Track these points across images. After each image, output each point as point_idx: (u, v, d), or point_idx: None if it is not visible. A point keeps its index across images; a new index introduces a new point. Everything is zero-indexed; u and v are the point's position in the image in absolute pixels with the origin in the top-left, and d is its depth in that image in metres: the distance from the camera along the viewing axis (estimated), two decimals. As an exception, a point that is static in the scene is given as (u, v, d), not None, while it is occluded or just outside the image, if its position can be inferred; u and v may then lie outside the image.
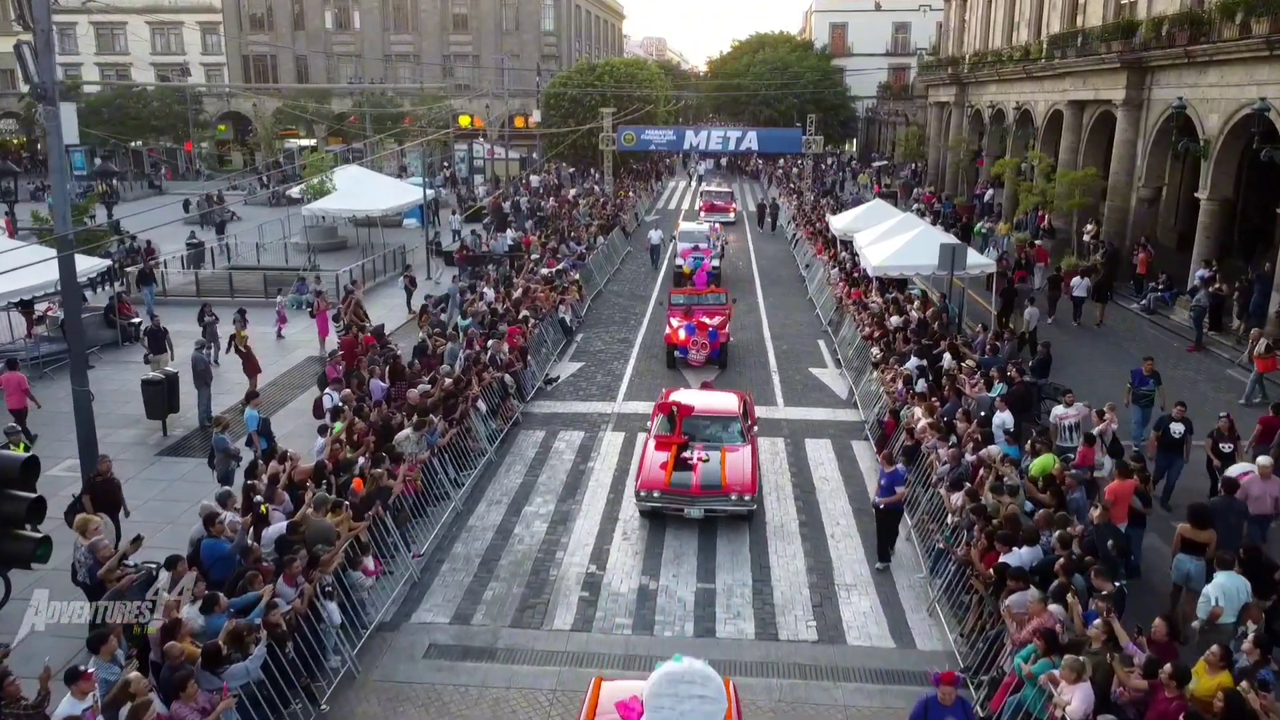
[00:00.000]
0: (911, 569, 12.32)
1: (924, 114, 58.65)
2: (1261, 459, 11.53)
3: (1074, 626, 8.81)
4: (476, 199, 47.71)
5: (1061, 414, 14.25)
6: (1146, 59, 26.58)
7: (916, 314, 20.86)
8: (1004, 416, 13.97)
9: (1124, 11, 29.49)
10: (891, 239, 23.58)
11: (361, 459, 12.54)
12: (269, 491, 11.41)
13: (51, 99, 12.31)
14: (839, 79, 71.30)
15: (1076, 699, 7.70)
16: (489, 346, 18.30)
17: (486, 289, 23.89)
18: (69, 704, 7.47)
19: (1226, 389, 18.89)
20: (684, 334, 20.65)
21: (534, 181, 53.96)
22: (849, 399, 19.24)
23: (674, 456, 13.57)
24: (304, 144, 62.04)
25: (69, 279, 13.15)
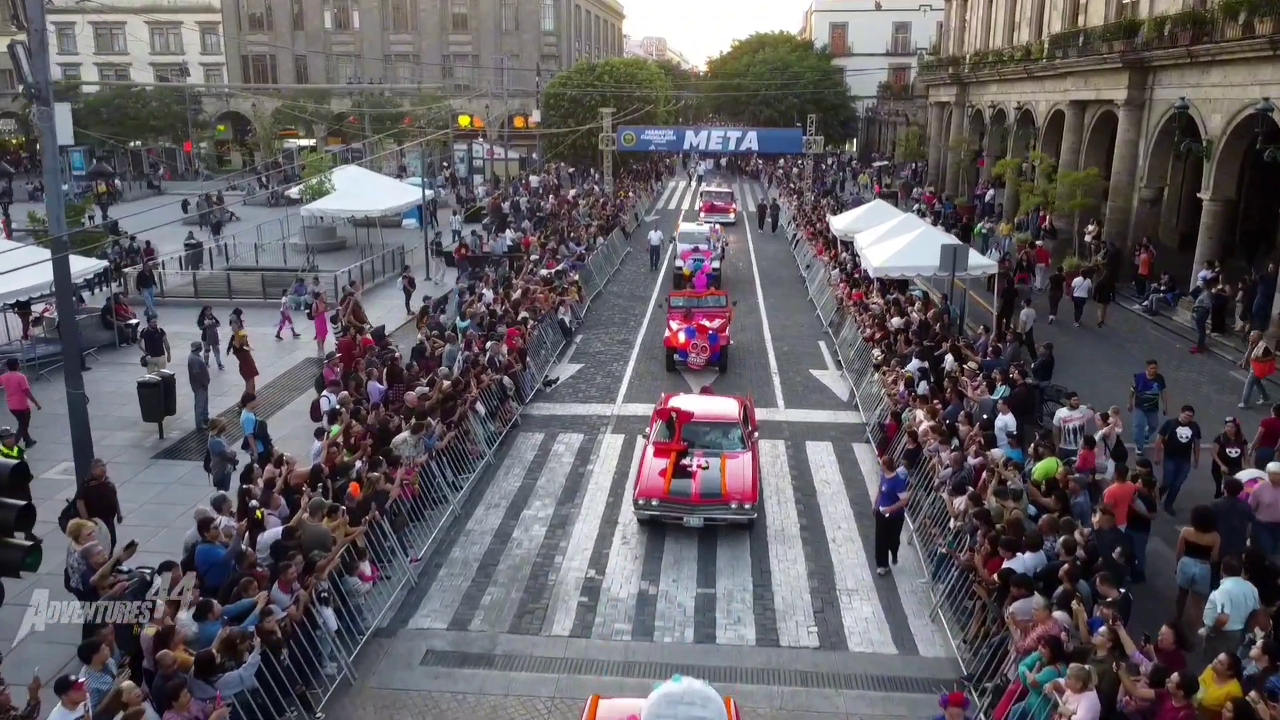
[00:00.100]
0: (914, 574, 12.20)
1: (924, 114, 58.55)
2: (1272, 465, 11.39)
3: (1079, 634, 8.70)
4: (476, 199, 47.60)
5: (1066, 417, 14.11)
6: (1148, 59, 26.46)
7: (918, 315, 20.74)
8: (1006, 419, 13.86)
9: (1126, 11, 29.36)
10: (892, 240, 23.47)
11: (359, 463, 12.44)
12: (264, 496, 11.29)
13: (46, 99, 12.22)
14: (839, 79, 71.17)
15: (1082, 708, 7.59)
16: (487, 348, 18.19)
17: (485, 290, 23.78)
18: (59, 714, 7.35)
19: (1230, 391, 18.78)
20: (684, 337, 20.42)
21: (534, 182, 53.84)
22: (850, 401, 19.12)
23: (673, 463, 13.33)
24: (303, 144, 61.94)
25: (63, 281, 13.05)
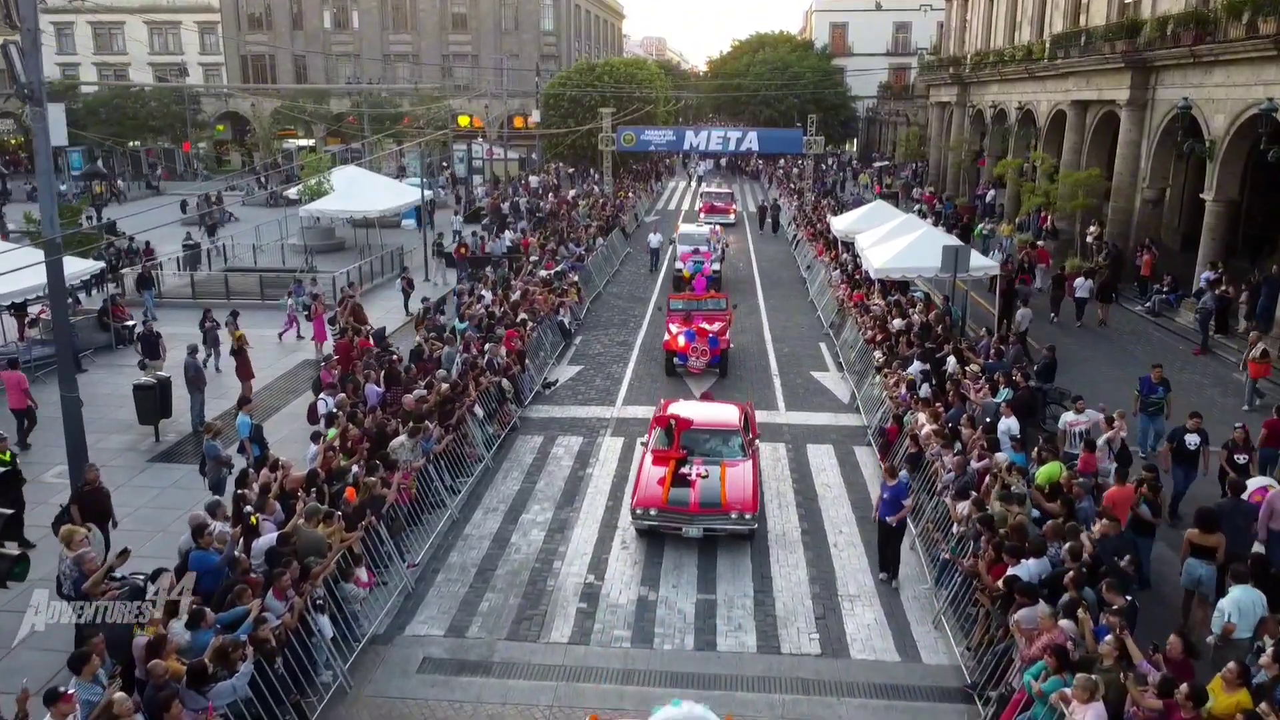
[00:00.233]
0: (916, 580, 12.05)
1: (925, 114, 58.44)
2: None
3: (1085, 643, 8.57)
4: (475, 199, 47.47)
5: (1072, 421, 13.93)
6: (1151, 59, 26.33)
7: (919, 317, 20.61)
8: (1010, 423, 13.71)
9: (1128, 11, 29.23)
10: (894, 240, 23.32)
11: (355, 467, 12.30)
12: (260, 501, 11.16)
13: (39, 100, 12.07)
14: (839, 79, 71.08)
15: (1089, 719, 7.46)
16: (486, 350, 18.05)
17: (484, 291, 23.65)
18: (48, 726, 7.24)
19: (1234, 393, 18.63)
20: (684, 340, 20.12)
21: (533, 182, 53.71)
22: (851, 403, 18.99)
23: (672, 472, 13.04)
24: (302, 144, 61.82)
25: (57, 283, 12.90)
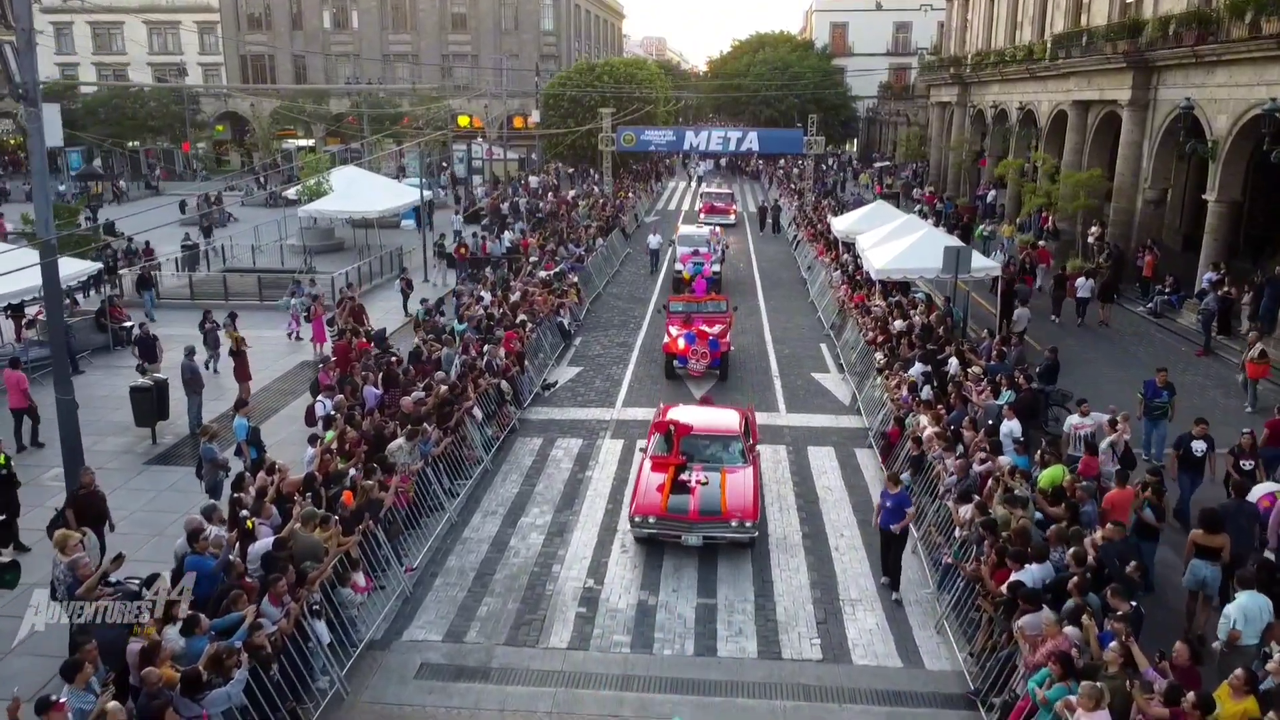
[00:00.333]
0: (918, 584, 11.95)
1: (925, 114, 58.34)
2: None
3: (1090, 649, 8.47)
4: (475, 200, 47.37)
5: (1077, 424, 13.80)
6: (1153, 59, 26.23)
7: (920, 318, 20.51)
8: (1012, 425, 13.62)
9: (1129, 10, 29.14)
10: (895, 241, 23.23)
11: (353, 470, 12.20)
12: (256, 505, 11.06)
13: (34, 100, 11.98)
14: (840, 79, 70.97)
15: (1095, 728, 7.36)
16: (485, 352, 17.95)
17: (484, 292, 23.55)
18: (40, 735, 7.14)
19: (1236, 395, 18.51)
20: (683, 343, 19.90)
21: (533, 182, 53.62)
22: (852, 405, 18.88)
23: (671, 478, 12.82)
24: (302, 144, 61.71)
25: (52, 285, 12.81)
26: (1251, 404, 17.69)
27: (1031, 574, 9.67)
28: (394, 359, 17.52)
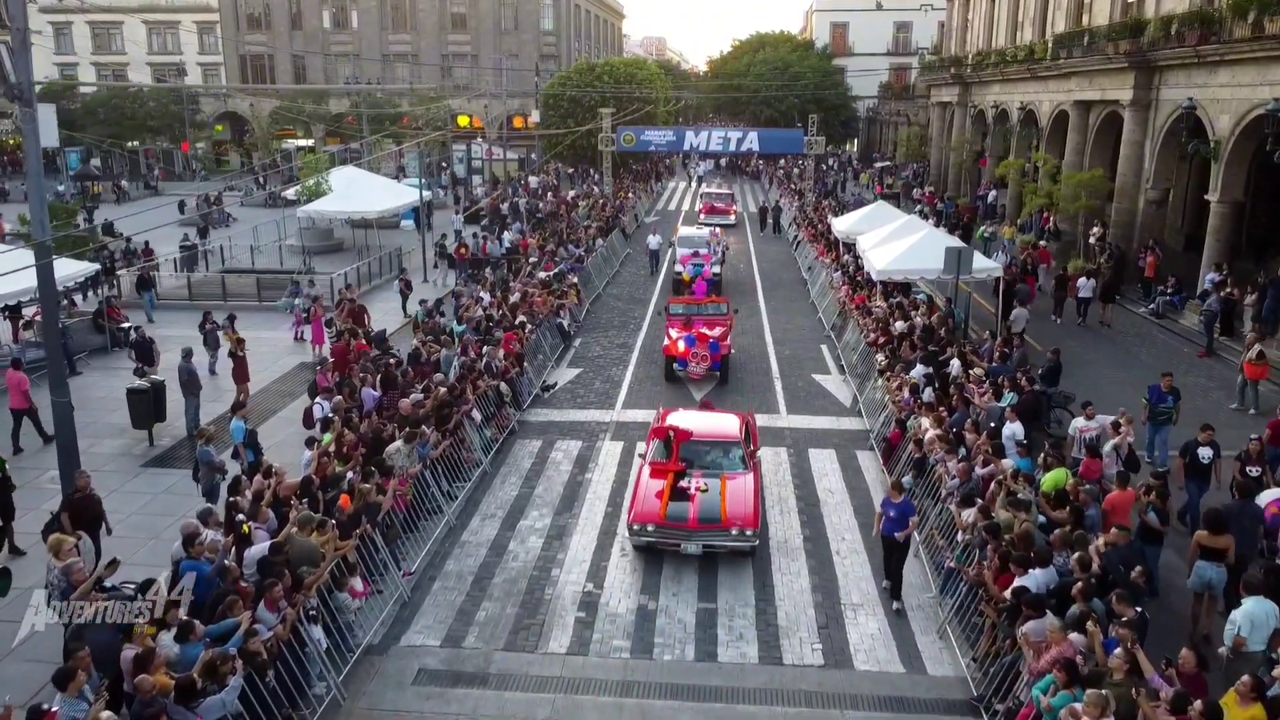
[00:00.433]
0: (921, 588, 11.84)
1: (926, 114, 58.24)
2: None
3: (1095, 656, 8.37)
4: (475, 200, 47.27)
5: (1083, 427, 13.67)
6: (1155, 59, 26.13)
7: (922, 319, 20.41)
8: (1015, 427, 13.53)
9: (1131, 10, 29.04)
10: (896, 242, 23.12)
11: (350, 474, 12.11)
12: (252, 509, 10.96)
13: (29, 100, 11.90)
14: (840, 79, 70.88)
15: (1101, 737, 7.27)
16: (484, 353, 17.85)
17: (483, 293, 23.45)
18: (32, 745, 7.05)
19: (1246, 395, 18.37)
20: (683, 345, 19.68)
21: (533, 182, 53.53)
22: (853, 406, 18.78)
23: (670, 485, 12.60)
24: (301, 145, 61.61)
25: (47, 286, 12.72)
26: (1255, 405, 17.58)
27: (1035, 579, 9.58)
28: (392, 361, 17.43)
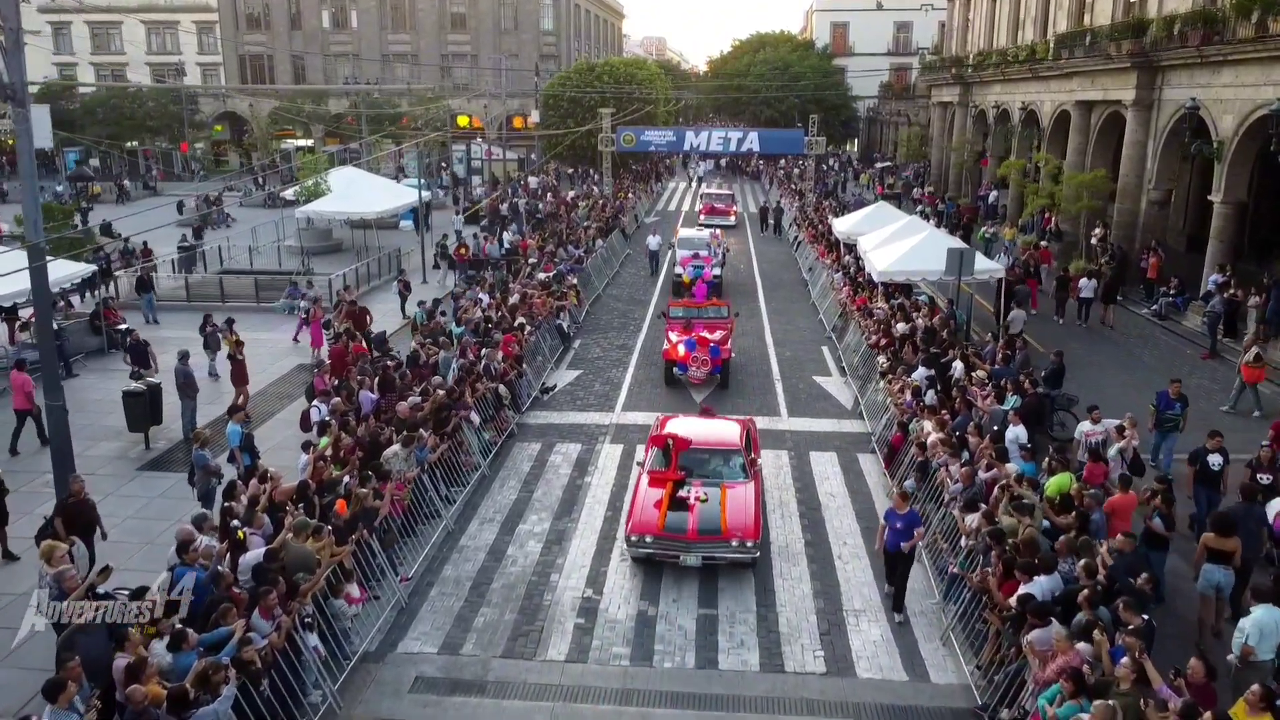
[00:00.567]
0: (924, 594, 11.71)
1: (926, 114, 58.10)
2: None
3: (1102, 665, 8.24)
4: (474, 200, 47.14)
5: (1089, 431, 13.53)
6: (1157, 59, 26.00)
7: (923, 321, 20.27)
8: (1018, 431, 13.41)
9: (1134, 10, 28.90)
10: (897, 243, 22.99)
11: (347, 478, 11.98)
12: (247, 514, 10.82)
13: (22, 100, 11.76)
14: (840, 79, 70.73)
15: (1108, 748, 7.14)
16: (483, 355, 17.72)
17: (482, 294, 23.32)
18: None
19: (1247, 399, 18.23)
20: (683, 350, 19.40)
21: (532, 183, 53.39)
22: (854, 409, 18.65)
23: (669, 495, 12.32)
24: (300, 145, 61.46)
25: (40, 288, 12.58)
26: (1258, 408, 17.45)
27: (1040, 585, 9.45)
28: (391, 363, 17.29)
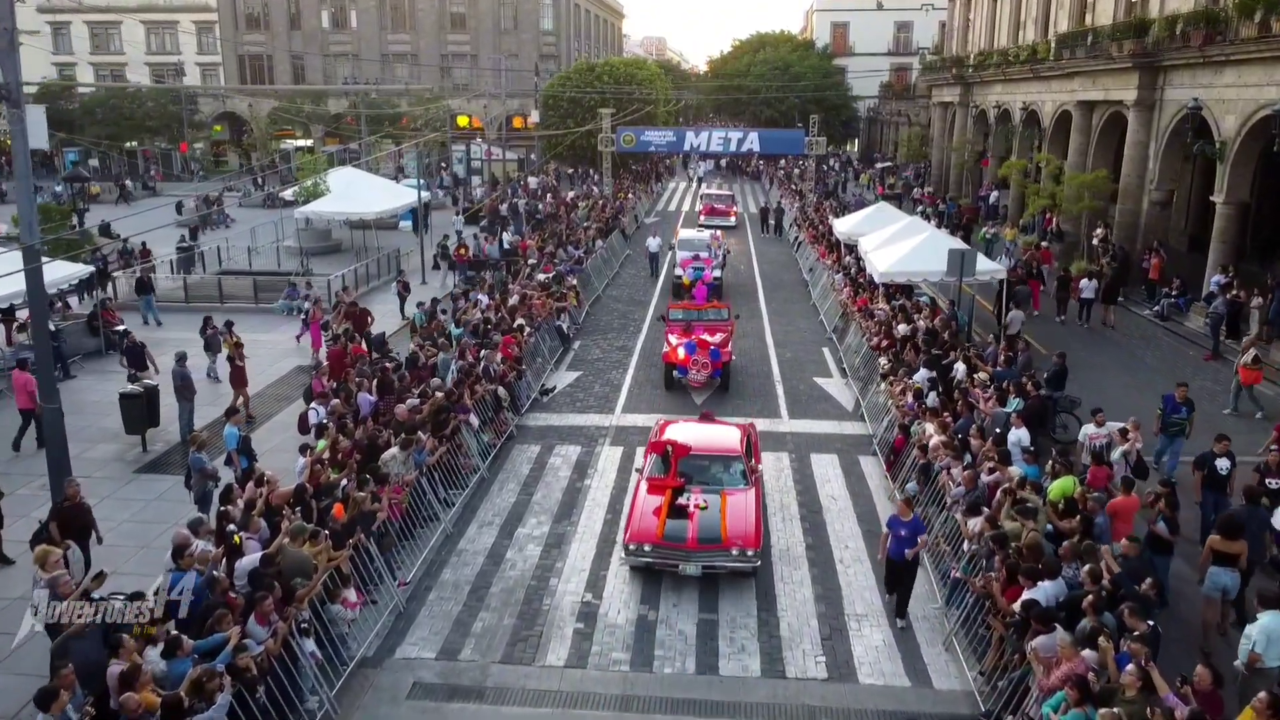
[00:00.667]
0: (926, 598, 11.61)
1: (927, 114, 58.01)
2: None
3: (1108, 672, 8.15)
4: (474, 200, 47.06)
5: (1093, 434, 13.42)
6: (1159, 59, 25.91)
7: (925, 322, 20.18)
8: (1020, 434, 13.32)
9: (1135, 10, 28.81)
10: (899, 244, 22.89)
11: (345, 481, 11.88)
12: (244, 518, 10.74)
13: (17, 101, 11.66)
14: (840, 79, 70.65)
15: (1115, 757, 7.05)
16: (482, 357, 17.62)
17: (481, 295, 23.23)
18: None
19: (1246, 400, 18.16)
20: (683, 352, 19.21)
21: (532, 183, 53.30)
22: (855, 411, 18.56)
23: (668, 502, 12.15)
24: (300, 145, 61.36)
25: (36, 290, 12.49)
26: (1260, 409, 17.35)
27: (1044, 591, 9.36)
28: (390, 365, 17.19)
